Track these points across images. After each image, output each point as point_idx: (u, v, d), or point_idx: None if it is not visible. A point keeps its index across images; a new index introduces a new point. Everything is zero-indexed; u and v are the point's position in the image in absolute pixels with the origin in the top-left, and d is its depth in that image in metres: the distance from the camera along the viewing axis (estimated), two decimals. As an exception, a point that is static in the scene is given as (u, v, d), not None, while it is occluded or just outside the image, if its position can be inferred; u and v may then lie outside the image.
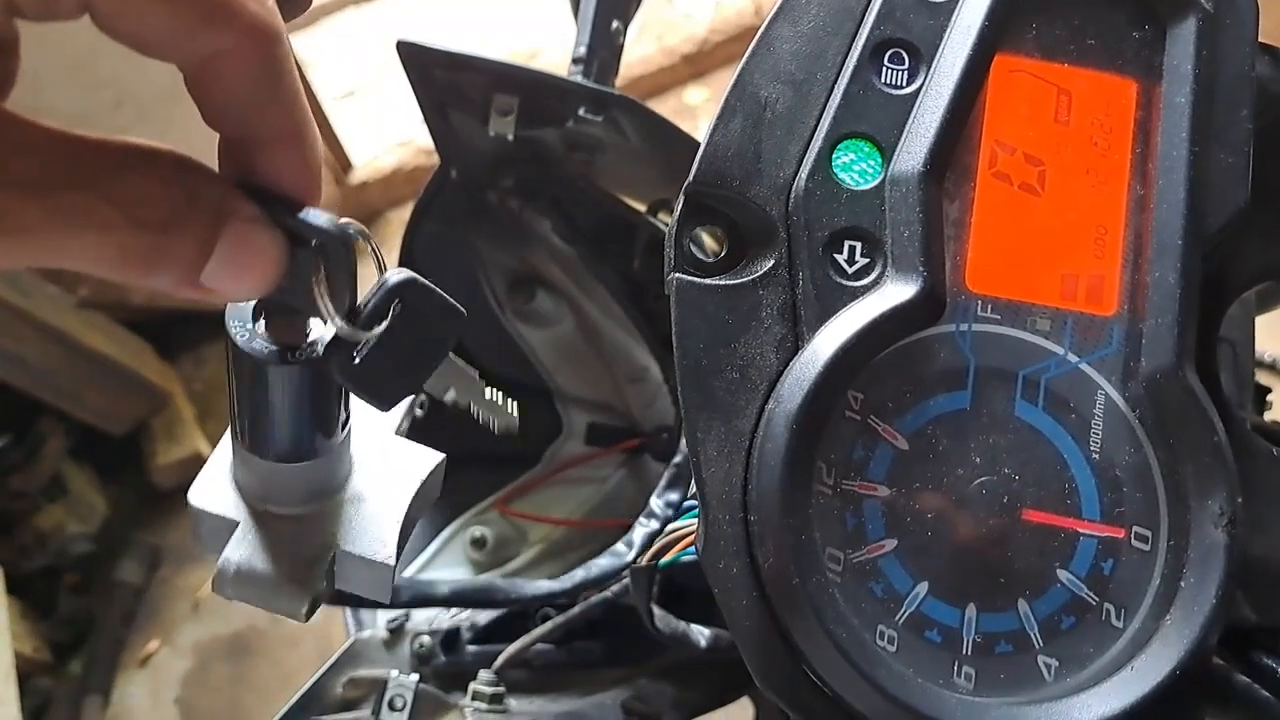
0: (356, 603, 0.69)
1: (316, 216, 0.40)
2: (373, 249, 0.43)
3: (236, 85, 0.38)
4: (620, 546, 0.95)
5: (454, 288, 0.43)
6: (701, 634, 0.86)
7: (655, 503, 0.96)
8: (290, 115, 0.39)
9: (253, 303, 0.44)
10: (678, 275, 0.51)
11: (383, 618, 0.98)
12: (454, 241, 1.13)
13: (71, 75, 1.98)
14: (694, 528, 0.87)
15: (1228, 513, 0.49)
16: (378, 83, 3.16)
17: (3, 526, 2.41)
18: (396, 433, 0.57)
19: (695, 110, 3.03)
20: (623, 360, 1.20)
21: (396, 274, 0.42)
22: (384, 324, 0.42)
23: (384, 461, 0.54)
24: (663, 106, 2.99)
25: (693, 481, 0.52)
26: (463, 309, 0.44)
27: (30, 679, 2.24)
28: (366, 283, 0.43)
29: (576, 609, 0.91)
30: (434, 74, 0.97)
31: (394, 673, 0.92)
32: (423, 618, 0.98)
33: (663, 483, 1.00)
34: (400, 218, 2.99)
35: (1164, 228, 0.51)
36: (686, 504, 0.93)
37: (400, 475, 0.54)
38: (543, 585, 0.92)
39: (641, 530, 0.95)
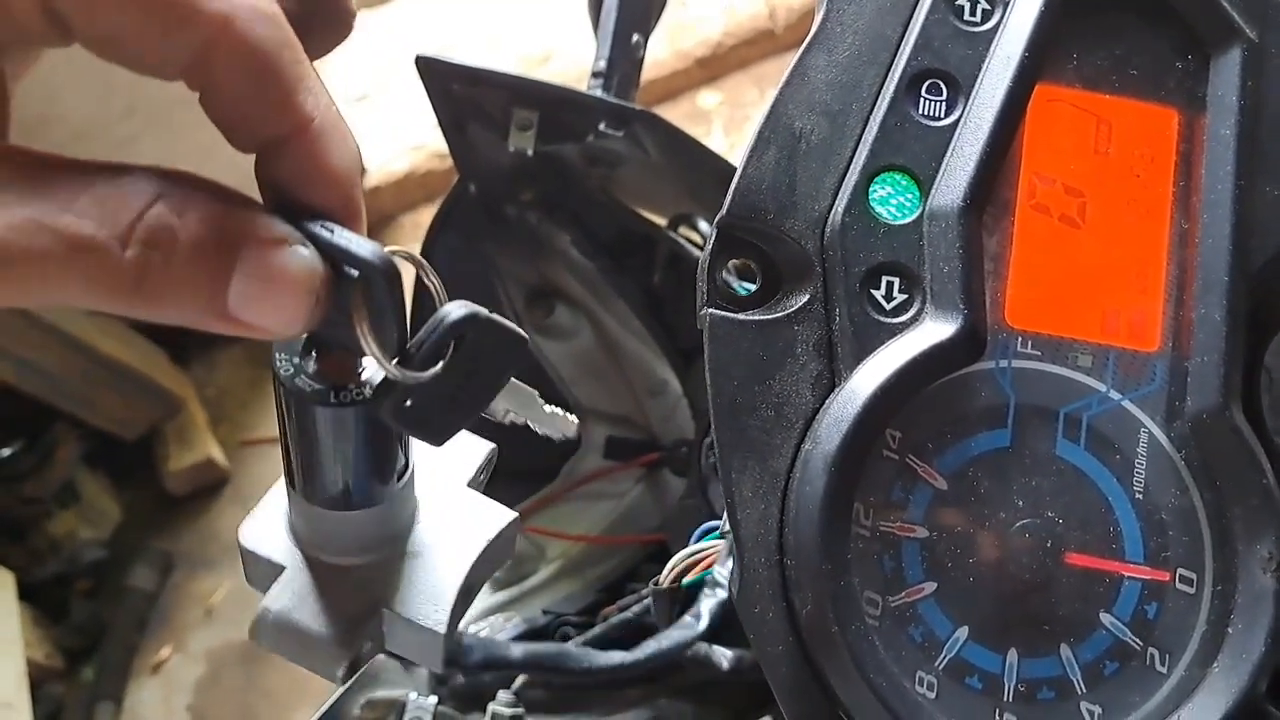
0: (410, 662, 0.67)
1: (357, 244, 0.36)
2: (429, 280, 0.40)
3: (232, 81, 0.35)
4: (689, 619, 0.90)
5: (471, 301, 0.40)
6: (724, 655, 0.85)
7: (719, 573, 0.92)
8: (297, 105, 0.36)
9: (302, 336, 0.41)
10: (711, 310, 0.50)
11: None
12: (472, 255, 1.12)
13: (81, 83, 1.98)
14: (716, 548, 0.86)
15: (1277, 557, 0.47)
16: (390, 86, 3.15)
17: (15, 532, 2.41)
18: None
19: (709, 114, 3.01)
20: (642, 373, 1.19)
21: (456, 309, 0.39)
22: (440, 364, 0.39)
23: (451, 516, 0.50)
24: (676, 110, 2.98)
25: (725, 519, 0.51)
26: (524, 335, 0.41)
27: (42, 685, 2.24)
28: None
29: (597, 629, 0.91)
30: (452, 88, 0.97)
31: (412, 694, 0.91)
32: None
33: (724, 552, 0.97)
34: (413, 222, 2.98)
35: (1209, 263, 0.50)
36: (708, 525, 0.92)
37: (467, 533, 0.50)
38: (615, 657, 0.87)
39: (709, 601, 0.90)
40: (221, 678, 2.34)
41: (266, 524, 0.50)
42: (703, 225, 1.14)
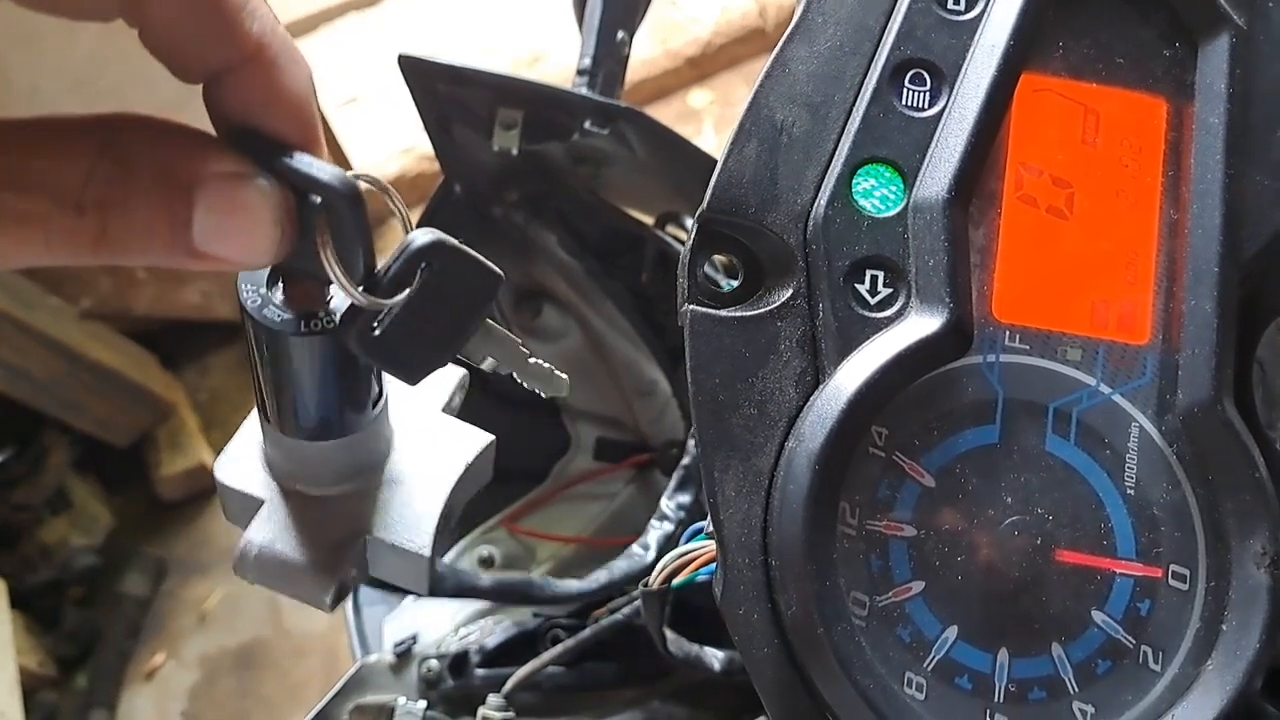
0: (395, 588, 0.67)
1: (318, 169, 0.36)
2: (395, 205, 0.40)
3: (170, 14, 0.34)
4: (636, 549, 0.95)
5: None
6: (715, 657, 0.84)
7: (666, 505, 0.95)
8: (243, 31, 0.34)
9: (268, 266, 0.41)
10: (692, 307, 0.49)
11: (389, 641, 0.96)
12: (458, 256, 1.12)
13: (72, 87, 1.96)
14: (707, 549, 0.85)
15: (1270, 552, 0.47)
16: (380, 89, 3.14)
17: (6, 540, 2.40)
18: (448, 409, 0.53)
19: (699, 113, 3.01)
20: (631, 374, 1.18)
21: (423, 235, 0.38)
22: (407, 292, 0.38)
23: (428, 441, 0.51)
24: (666, 110, 2.97)
25: (709, 520, 0.50)
26: (499, 270, 0.40)
27: (35, 693, 2.23)
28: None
29: (588, 630, 0.90)
30: (436, 88, 0.96)
31: (401, 699, 0.90)
32: (430, 640, 0.96)
33: (672, 484, 0.99)
34: (404, 224, 2.97)
35: (1199, 254, 0.49)
36: (696, 526, 0.91)
37: (445, 457, 0.50)
38: (572, 585, 0.93)
39: (655, 532, 0.94)
40: (215, 684, 2.33)
41: (241, 459, 0.50)
42: (690, 223, 1.13)
